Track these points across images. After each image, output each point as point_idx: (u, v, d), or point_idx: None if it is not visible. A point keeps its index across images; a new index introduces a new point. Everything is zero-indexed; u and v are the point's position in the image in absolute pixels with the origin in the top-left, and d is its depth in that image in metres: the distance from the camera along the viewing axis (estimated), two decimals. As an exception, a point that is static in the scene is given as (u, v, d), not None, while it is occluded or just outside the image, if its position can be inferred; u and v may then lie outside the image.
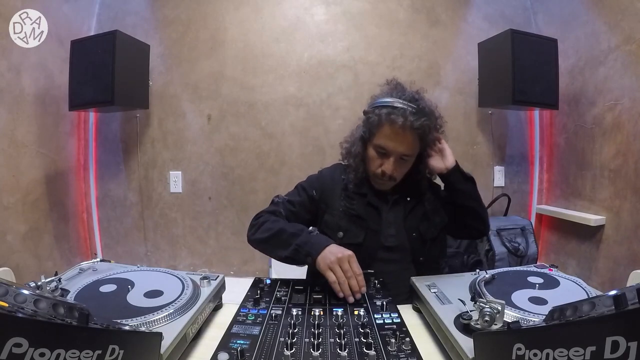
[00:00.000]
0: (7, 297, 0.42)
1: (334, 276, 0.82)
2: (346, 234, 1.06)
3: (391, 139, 1.01)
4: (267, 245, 1.00)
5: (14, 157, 1.70)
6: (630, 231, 1.61)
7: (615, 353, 0.37)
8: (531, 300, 0.72)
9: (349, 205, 1.08)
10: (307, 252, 0.90)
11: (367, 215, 1.08)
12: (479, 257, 2.00)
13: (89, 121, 2.19)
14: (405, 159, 1.04)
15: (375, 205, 1.09)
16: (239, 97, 2.18)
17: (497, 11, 2.21)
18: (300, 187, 1.15)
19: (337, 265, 0.84)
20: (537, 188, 2.24)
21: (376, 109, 1.03)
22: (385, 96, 1.05)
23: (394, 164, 1.03)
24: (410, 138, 1.01)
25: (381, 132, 1.02)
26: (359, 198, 1.09)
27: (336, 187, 1.12)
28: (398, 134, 1.00)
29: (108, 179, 2.23)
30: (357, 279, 0.83)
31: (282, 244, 0.95)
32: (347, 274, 0.83)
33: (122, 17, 2.16)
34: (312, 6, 2.17)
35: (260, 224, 1.04)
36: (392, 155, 1.02)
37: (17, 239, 1.70)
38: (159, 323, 0.65)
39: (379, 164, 1.04)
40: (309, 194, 1.12)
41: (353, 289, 0.82)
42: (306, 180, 1.17)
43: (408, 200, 1.12)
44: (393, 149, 1.01)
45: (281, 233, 0.97)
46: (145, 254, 2.25)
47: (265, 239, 1.00)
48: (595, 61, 1.80)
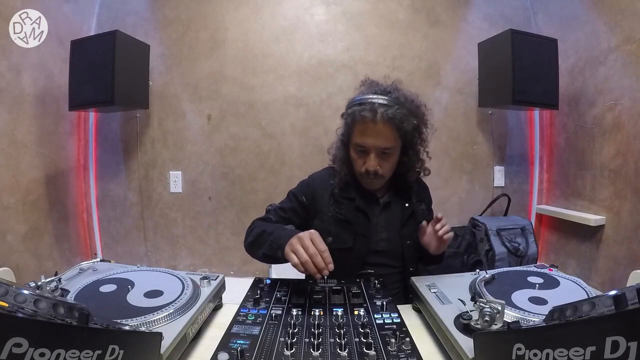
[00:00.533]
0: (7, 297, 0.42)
1: (296, 257, 0.79)
2: (335, 238, 1.04)
3: (366, 135, 0.99)
4: (252, 248, 1.02)
5: (14, 157, 1.70)
6: (630, 231, 1.61)
7: (615, 353, 0.37)
8: (531, 300, 0.72)
9: (337, 210, 1.07)
10: (278, 244, 0.88)
11: (356, 220, 1.07)
12: (479, 257, 2.00)
13: (89, 121, 2.19)
14: (386, 152, 1.01)
15: (364, 210, 1.08)
16: (239, 97, 2.18)
17: (497, 11, 2.21)
18: (291, 194, 1.14)
19: (299, 245, 0.80)
20: (537, 188, 2.24)
21: (349, 108, 1.04)
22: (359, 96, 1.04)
23: (375, 159, 1.00)
24: (385, 130, 0.98)
25: (356, 130, 1.01)
26: (347, 202, 1.08)
27: (325, 192, 1.10)
28: (371, 128, 0.98)
29: (108, 179, 2.23)
30: (322, 256, 0.78)
31: (261, 243, 0.96)
32: (309, 251, 0.78)
33: (122, 17, 2.16)
34: (312, 6, 2.17)
35: (250, 230, 1.06)
36: (372, 151, 1.00)
37: (17, 239, 1.70)
38: (159, 323, 0.65)
39: (362, 163, 1.02)
40: (299, 199, 1.11)
41: (319, 266, 0.77)
42: (296, 187, 1.16)
43: (406, 206, 1.10)
44: (370, 144, 1.00)
45: (262, 234, 0.98)
46: (145, 254, 2.25)
47: (250, 242, 1.02)
48: (595, 61, 1.80)
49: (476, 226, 2.08)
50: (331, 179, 1.12)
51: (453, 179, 2.25)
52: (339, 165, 1.09)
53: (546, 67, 1.88)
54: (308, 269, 0.78)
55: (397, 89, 1.05)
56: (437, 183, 2.24)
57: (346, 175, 1.08)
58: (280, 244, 0.87)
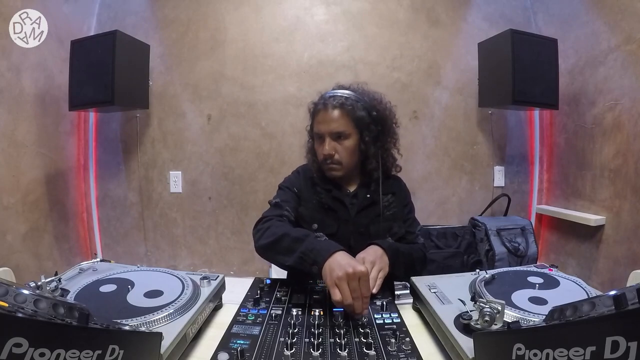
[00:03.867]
0: (7, 297, 0.42)
1: (339, 295, 0.73)
2: (320, 224, 1.08)
3: (319, 122, 1.09)
4: (271, 252, 0.94)
5: (14, 157, 1.70)
6: (630, 231, 1.61)
7: (615, 353, 0.37)
8: (531, 300, 0.72)
9: (320, 198, 1.13)
10: (313, 259, 0.82)
11: (336, 207, 1.12)
12: (479, 257, 2.00)
13: (89, 121, 2.19)
14: (339, 135, 1.07)
15: (340, 198, 1.13)
16: (239, 97, 2.18)
17: (497, 11, 2.21)
18: (284, 187, 1.18)
19: (345, 282, 0.73)
20: (537, 188, 2.24)
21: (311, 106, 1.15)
22: None
23: (329, 144, 1.07)
24: (335, 115, 1.06)
25: (314, 121, 1.12)
26: (326, 192, 1.14)
27: (308, 182, 1.17)
28: (324, 114, 1.07)
29: (108, 179, 2.23)
30: (362, 301, 0.73)
31: (286, 250, 0.89)
32: (354, 295, 0.73)
33: (122, 17, 2.16)
34: (312, 6, 2.17)
35: (265, 228, 0.99)
36: (326, 135, 1.08)
37: (17, 239, 1.70)
38: (159, 323, 0.65)
39: (321, 150, 1.09)
40: (292, 190, 1.16)
41: (355, 311, 0.73)
42: (285, 181, 1.21)
43: (367, 197, 1.13)
44: (324, 130, 1.08)
45: (284, 238, 0.91)
46: (145, 254, 2.25)
47: (267, 245, 0.94)
48: (595, 61, 1.80)
49: (476, 226, 2.08)
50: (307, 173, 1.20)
51: (453, 179, 2.25)
52: (310, 158, 1.19)
53: (546, 67, 1.88)
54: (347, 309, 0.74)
55: (359, 87, 1.15)
56: (437, 183, 2.24)
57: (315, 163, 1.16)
58: (315, 260, 0.81)
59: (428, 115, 2.21)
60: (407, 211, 1.19)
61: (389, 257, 0.95)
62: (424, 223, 2.16)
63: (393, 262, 0.95)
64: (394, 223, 1.12)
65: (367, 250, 0.96)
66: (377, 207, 1.12)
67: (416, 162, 2.23)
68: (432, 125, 2.22)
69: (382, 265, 0.92)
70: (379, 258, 0.93)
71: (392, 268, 0.94)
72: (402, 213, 1.17)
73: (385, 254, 0.95)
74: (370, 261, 0.90)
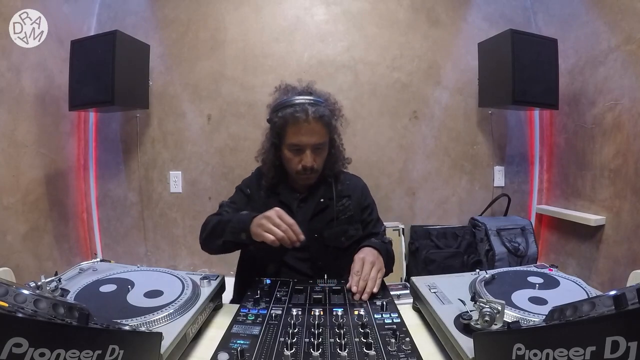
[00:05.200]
0: (7, 297, 0.42)
1: (270, 235, 0.83)
2: None
3: (301, 134, 1.04)
4: (209, 240, 1.05)
5: (14, 157, 1.70)
6: (630, 231, 1.61)
7: (615, 353, 0.37)
8: (531, 300, 0.72)
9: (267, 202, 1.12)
10: (241, 228, 0.92)
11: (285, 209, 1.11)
12: (479, 257, 2.00)
13: (89, 121, 2.19)
14: (319, 147, 1.07)
15: (287, 203, 1.12)
16: (239, 97, 2.18)
17: (497, 11, 2.21)
18: (238, 188, 1.23)
19: (269, 223, 0.85)
20: (537, 188, 2.24)
21: (278, 112, 1.07)
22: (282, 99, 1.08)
23: (310, 155, 1.06)
24: (317, 127, 1.04)
25: (290, 131, 1.05)
26: (274, 196, 1.15)
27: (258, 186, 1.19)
28: (305, 127, 1.03)
29: (108, 179, 2.23)
30: (292, 229, 0.84)
31: (220, 232, 0.99)
32: (282, 227, 0.84)
33: (122, 17, 2.16)
34: (312, 6, 2.17)
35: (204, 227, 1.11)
36: (307, 148, 1.05)
37: (17, 239, 1.70)
38: (159, 323, 0.65)
39: (298, 161, 1.07)
40: (245, 192, 1.19)
41: (291, 239, 0.84)
42: (242, 182, 1.25)
43: (321, 201, 1.13)
44: (306, 142, 1.05)
45: (218, 224, 1.02)
46: (145, 254, 2.25)
47: (207, 236, 1.06)
48: (595, 61, 1.80)
49: (476, 226, 2.08)
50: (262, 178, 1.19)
51: (453, 179, 2.25)
52: (267, 168, 1.15)
53: (546, 67, 1.88)
54: (284, 244, 0.84)
55: (313, 89, 1.13)
56: (437, 183, 2.24)
57: (273, 178, 1.14)
58: (243, 227, 0.92)
59: (428, 115, 2.21)
60: (367, 213, 1.18)
61: (383, 257, 0.99)
62: (424, 223, 2.17)
63: (385, 261, 1.00)
64: (349, 226, 1.12)
65: (363, 251, 0.99)
66: (330, 211, 1.12)
67: (416, 162, 2.22)
68: (432, 125, 2.22)
69: (380, 265, 0.95)
70: (376, 258, 0.96)
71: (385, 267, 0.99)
72: (361, 216, 1.16)
73: (380, 255, 0.99)
74: (371, 262, 0.93)
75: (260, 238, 0.87)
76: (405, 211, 2.20)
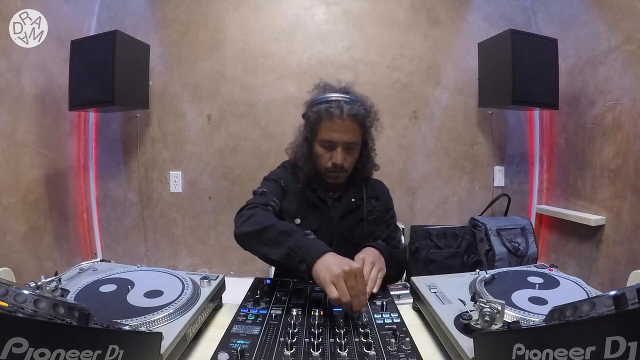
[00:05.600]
0: (7, 297, 0.42)
1: (336, 292, 0.71)
2: (303, 220, 1.09)
3: (334, 130, 1.04)
4: (254, 241, 0.90)
5: (14, 157, 1.70)
6: (630, 231, 1.61)
7: (615, 353, 0.37)
8: (531, 300, 0.72)
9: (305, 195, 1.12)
10: (302, 257, 0.79)
11: (320, 205, 1.13)
12: (479, 257, 2.00)
13: (89, 121, 2.19)
14: (351, 147, 1.07)
15: (324, 199, 1.13)
16: (239, 97, 2.18)
17: (497, 11, 2.21)
18: (271, 179, 1.16)
19: (343, 280, 0.72)
20: (537, 188, 2.24)
21: (313, 107, 1.07)
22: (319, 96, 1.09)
23: (341, 153, 1.05)
24: (351, 125, 1.04)
25: (323, 126, 1.05)
26: (310, 192, 1.14)
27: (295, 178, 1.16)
28: (339, 124, 1.03)
29: (108, 179, 2.23)
30: (360, 298, 0.72)
31: (271, 242, 0.86)
32: (353, 292, 0.71)
33: (122, 17, 2.16)
34: (312, 6, 2.17)
35: (249, 215, 0.95)
36: (338, 145, 1.05)
37: (17, 239, 1.70)
38: (159, 323, 0.65)
39: (328, 158, 1.07)
40: (279, 184, 1.15)
41: (354, 308, 0.72)
42: (270, 174, 1.20)
43: (352, 201, 1.14)
44: (338, 139, 1.04)
45: (270, 229, 0.87)
46: (145, 254, 2.25)
47: (252, 233, 0.90)
48: (595, 61, 1.80)
49: (476, 226, 2.08)
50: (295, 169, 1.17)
51: (453, 179, 2.25)
52: (302, 162, 1.13)
53: (546, 67, 1.88)
54: (344, 308, 0.73)
55: (352, 89, 1.12)
56: (437, 183, 2.24)
57: (310, 171, 1.12)
58: (305, 258, 0.79)
59: (428, 115, 2.21)
60: (389, 216, 1.20)
61: (385, 258, 0.97)
62: (424, 223, 2.17)
63: (387, 263, 0.97)
64: (375, 227, 1.14)
65: (364, 251, 0.98)
66: (360, 211, 1.13)
67: (416, 162, 2.23)
68: (432, 125, 2.22)
69: (381, 265, 0.93)
70: (377, 259, 0.95)
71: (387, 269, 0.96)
72: (385, 217, 1.18)
73: (382, 255, 0.97)
74: (370, 262, 0.92)
75: (322, 284, 0.74)
76: (405, 211, 2.20)
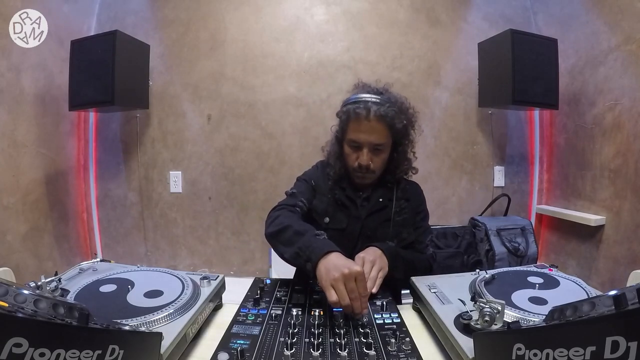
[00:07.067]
0: (7, 297, 0.42)
1: (335, 296, 0.72)
2: (332, 219, 1.10)
3: (360, 131, 1.04)
4: (275, 240, 0.95)
5: (14, 157, 1.70)
6: (630, 231, 1.61)
7: (615, 353, 0.37)
8: (531, 300, 0.72)
9: (334, 194, 1.13)
10: (308, 256, 0.81)
11: (348, 204, 1.13)
12: (479, 257, 2.00)
13: (89, 121, 2.19)
14: (378, 148, 1.06)
15: (352, 198, 1.13)
16: (239, 97, 2.18)
17: (497, 11, 2.21)
18: (302, 179, 1.19)
19: (342, 283, 0.72)
20: (537, 188, 2.24)
21: (344, 107, 1.09)
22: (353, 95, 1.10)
23: (367, 154, 1.05)
24: (378, 126, 1.03)
25: (350, 126, 1.06)
26: (340, 190, 1.14)
27: (326, 177, 1.18)
28: (365, 124, 1.03)
29: (108, 179, 2.23)
30: (361, 300, 0.72)
31: (286, 242, 0.90)
32: (352, 295, 0.71)
33: (122, 17, 2.16)
34: (312, 6, 2.17)
35: (275, 216, 1.01)
36: (365, 146, 1.05)
37: (17, 239, 1.70)
38: (159, 323, 0.65)
39: (355, 158, 1.07)
40: (310, 183, 1.17)
41: (355, 311, 0.71)
42: (304, 174, 1.22)
43: (379, 201, 1.13)
44: (364, 140, 1.04)
45: (287, 229, 0.91)
46: (145, 254, 2.25)
47: (274, 233, 0.95)
48: (595, 61, 1.80)
49: (476, 226, 2.08)
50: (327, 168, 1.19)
51: (453, 179, 2.25)
52: (333, 160, 1.16)
53: (546, 67, 1.88)
54: (345, 310, 0.73)
55: (388, 90, 1.12)
56: (437, 183, 2.24)
57: (340, 169, 1.14)
58: (310, 257, 0.81)
59: (428, 115, 2.21)
60: (419, 218, 1.18)
61: (387, 258, 0.95)
62: (424, 223, 2.17)
63: (392, 264, 0.95)
64: (403, 229, 1.12)
65: (366, 250, 0.96)
66: (387, 212, 1.12)
67: (416, 162, 2.22)
68: (432, 125, 2.22)
69: (382, 265, 0.92)
70: (378, 258, 0.93)
71: (391, 270, 0.94)
72: (414, 220, 1.16)
73: (384, 255, 0.95)
74: (370, 260, 0.90)
75: (322, 285, 0.75)
76: (405, 211, 2.19)
